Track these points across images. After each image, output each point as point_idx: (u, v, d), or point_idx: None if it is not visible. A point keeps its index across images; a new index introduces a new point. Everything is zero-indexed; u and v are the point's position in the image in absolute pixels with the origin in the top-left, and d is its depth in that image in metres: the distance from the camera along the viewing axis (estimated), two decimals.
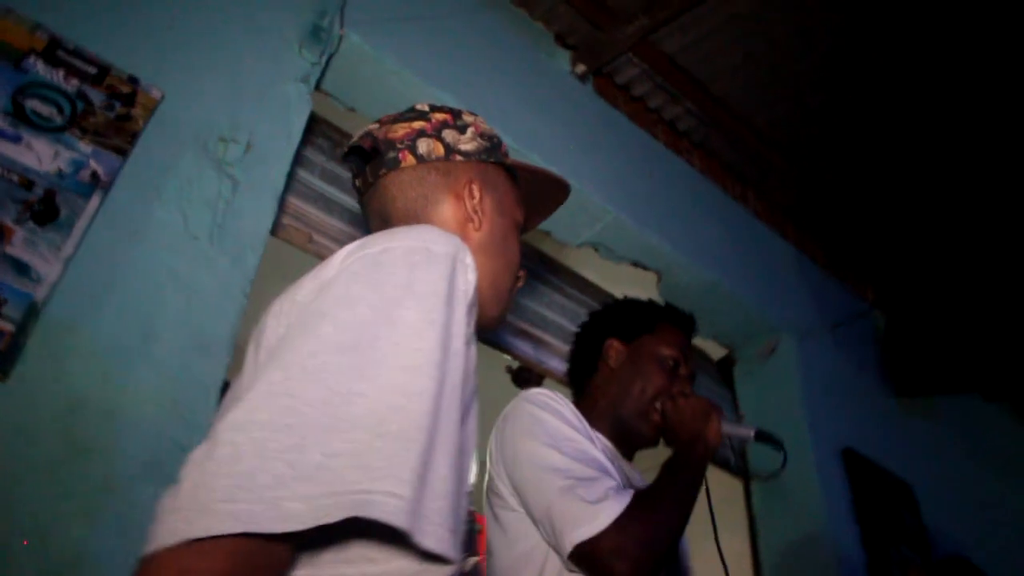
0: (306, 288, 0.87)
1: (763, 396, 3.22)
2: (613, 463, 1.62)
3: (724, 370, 3.41)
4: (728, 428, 1.76)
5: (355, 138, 1.24)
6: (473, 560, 0.96)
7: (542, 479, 1.47)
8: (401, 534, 0.66)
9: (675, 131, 3.35)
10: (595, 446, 1.60)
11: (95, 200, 1.59)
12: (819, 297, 3.60)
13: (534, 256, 2.92)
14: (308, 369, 0.71)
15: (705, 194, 3.34)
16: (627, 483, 1.61)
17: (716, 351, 3.43)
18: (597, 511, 1.39)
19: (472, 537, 0.98)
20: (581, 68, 3.00)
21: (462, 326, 0.83)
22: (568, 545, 1.38)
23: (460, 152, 1.20)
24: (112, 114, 1.69)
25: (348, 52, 2.29)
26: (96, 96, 1.68)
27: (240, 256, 1.78)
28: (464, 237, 1.13)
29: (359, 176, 1.23)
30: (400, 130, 1.20)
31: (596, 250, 2.90)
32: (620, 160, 2.96)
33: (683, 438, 1.66)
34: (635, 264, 2.96)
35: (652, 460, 1.72)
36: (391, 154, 1.18)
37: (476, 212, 1.17)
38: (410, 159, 1.18)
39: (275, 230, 2.13)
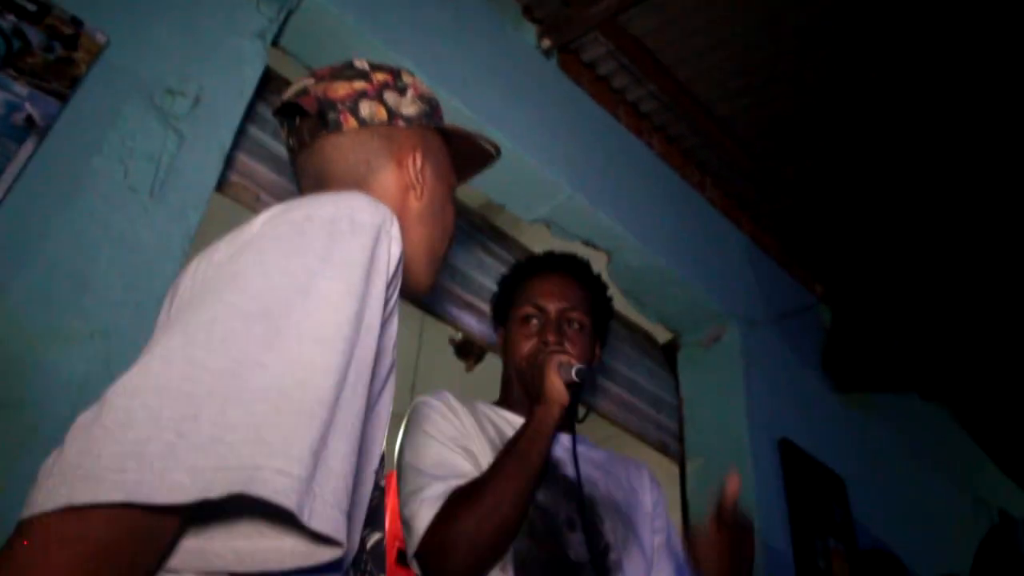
0: (223, 250, 0.82)
1: (705, 382, 3.25)
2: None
3: (669, 354, 3.43)
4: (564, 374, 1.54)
5: (290, 93, 1.19)
6: (377, 536, 0.95)
7: (400, 488, 1.48)
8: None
9: (637, 113, 3.33)
10: (473, 438, 1.55)
11: (29, 145, 1.53)
12: (768, 289, 3.63)
13: (485, 228, 2.90)
14: (213, 335, 0.68)
15: (662, 178, 3.34)
16: (556, 457, 1.59)
17: (662, 335, 3.45)
18: (413, 516, 1.39)
19: (379, 512, 0.96)
20: (547, 43, 2.97)
21: (379, 300, 0.80)
22: (409, 553, 1.40)
23: (403, 117, 1.17)
24: (52, 56, 1.62)
25: (309, 9, 2.23)
26: (35, 35, 1.61)
27: (181, 212, 1.73)
28: (404, 206, 1.12)
29: (293, 134, 1.18)
30: (341, 89, 1.14)
31: (548, 227, 2.88)
32: (580, 138, 2.94)
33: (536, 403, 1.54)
34: (586, 243, 2.95)
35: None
36: (332, 115, 1.13)
37: (418, 180, 1.14)
38: (352, 122, 1.13)
39: (222, 187, 2.08)
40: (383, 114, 1.15)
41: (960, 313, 3.70)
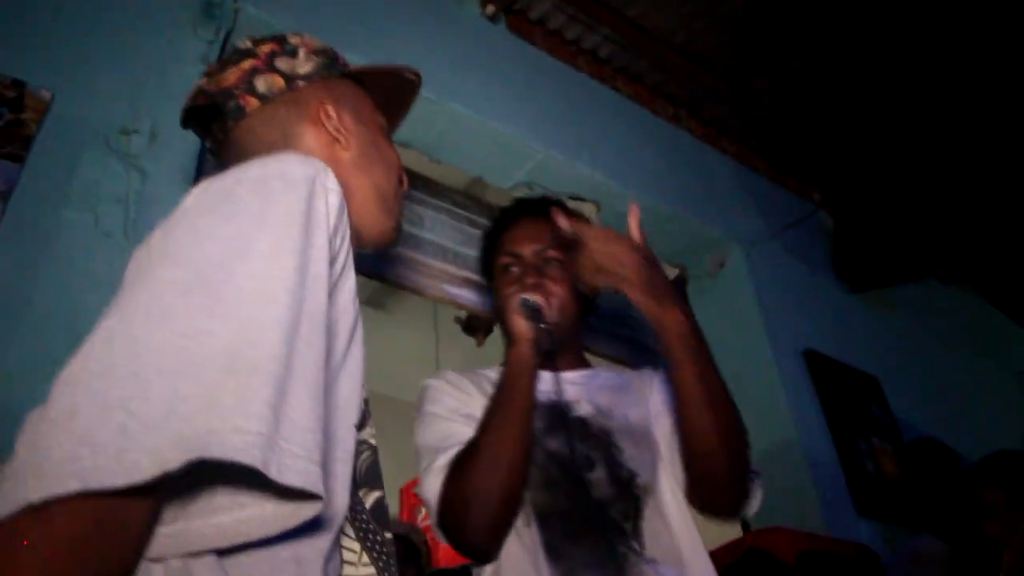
0: (156, 233, 0.78)
1: (718, 310, 3.24)
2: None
3: (677, 289, 3.42)
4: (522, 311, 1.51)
5: (187, 102, 1.16)
6: (376, 495, 0.93)
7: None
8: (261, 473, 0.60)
9: (596, 59, 3.32)
10: (476, 403, 1.52)
11: None
12: (763, 205, 3.61)
13: (470, 206, 2.90)
14: (151, 311, 0.65)
15: (635, 119, 3.33)
16: (557, 401, 1.54)
17: (667, 272, 3.42)
18: (425, 489, 1.40)
19: (375, 470, 0.94)
20: (491, 8, 2.96)
21: (323, 251, 0.78)
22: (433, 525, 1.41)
23: (301, 77, 1.13)
24: (1, 122, 1.64)
25: (245, 25, 2.24)
26: None
27: None
28: (335, 160, 1.08)
29: (209, 137, 1.16)
30: (231, 76, 1.11)
31: (530, 190, 2.88)
32: (543, 97, 2.94)
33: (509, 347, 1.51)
34: (572, 198, 2.95)
35: None
36: (231, 104, 1.10)
37: (339, 131, 1.11)
38: (253, 102, 1.10)
39: None
40: (280, 82, 1.12)
41: (965, 186, 3.64)
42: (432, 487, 1.38)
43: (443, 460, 1.40)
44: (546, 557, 1.35)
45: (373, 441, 0.96)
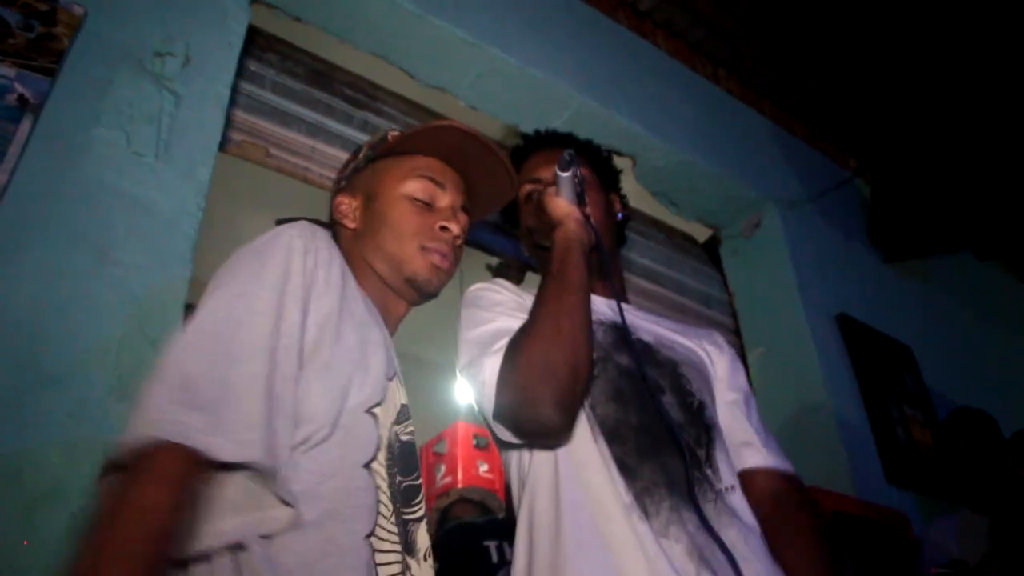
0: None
1: (752, 271, 3.18)
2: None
3: (711, 251, 3.36)
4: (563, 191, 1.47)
5: None
6: (407, 480, 1.14)
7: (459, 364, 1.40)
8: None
9: (637, 13, 3.24)
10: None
11: (26, 124, 1.51)
12: (800, 169, 3.53)
13: (506, 153, 2.84)
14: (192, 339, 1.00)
15: (674, 74, 3.25)
16: (606, 316, 1.48)
17: (701, 233, 3.38)
18: (480, 371, 1.30)
19: (411, 460, 1.19)
20: None
21: (296, 287, 1.07)
22: (488, 416, 1.31)
23: (344, 179, 1.45)
24: (32, 34, 1.60)
25: None
26: (11, 17, 1.59)
27: (190, 170, 1.71)
28: (347, 236, 1.36)
29: None
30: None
31: None
32: (582, 46, 2.87)
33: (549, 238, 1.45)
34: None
35: None
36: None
37: (345, 216, 1.36)
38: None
39: (229, 147, 2.05)
40: (336, 188, 1.47)
41: (1003, 162, 3.55)
42: (488, 369, 1.28)
43: (496, 346, 1.30)
44: (619, 473, 1.25)
45: (407, 437, 1.19)
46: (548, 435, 1.29)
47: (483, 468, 3.13)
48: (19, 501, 1.28)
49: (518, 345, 1.27)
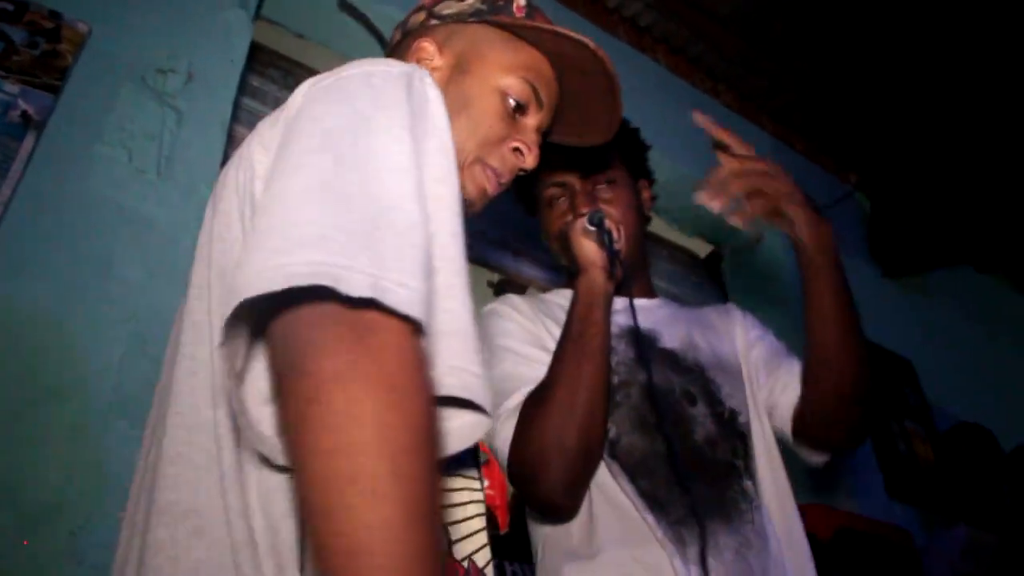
0: (266, 133, 0.84)
1: (753, 287, 3.18)
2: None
3: (712, 267, 3.37)
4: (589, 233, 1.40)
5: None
6: None
7: None
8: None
9: (637, 29, 3.25)
10: (545, 331, 1.43)
11: (29, 140, 1.52)
12: (801, 184, 3.50)
13: None
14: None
15: (674, 90, 3.26)
16: (626, 326, 1.45)
17: (702, 248, 3.38)
18: (496, 434, 1.28)
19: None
20: None
21: (428, 136, 0.78)
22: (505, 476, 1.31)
23: (436, 16, 1.16)
24: (36, 52, 1.61)
25: None
26: (17, 34, 1.60)
27: (191, 188, 1.71)
28: None
29: None
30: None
31: None
32: None
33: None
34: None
35: None
36: (395, 37, 1.22)
37: (422, 64, 1.09)
38: (397, 36, 1.20)
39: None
40: (420, 18, 1.18)
41: (1001, 175, 3.56)
42: (502, 435, 1.27)
43: (511, 404, 1.29)
44: (648, 507, 1.23)
45: None
46: (554, 513, 1.30)
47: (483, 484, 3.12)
48: (16, 519, 1.28)
49: (532, 417, 1.24)
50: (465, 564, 0.87)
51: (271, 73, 2.35)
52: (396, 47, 1.20)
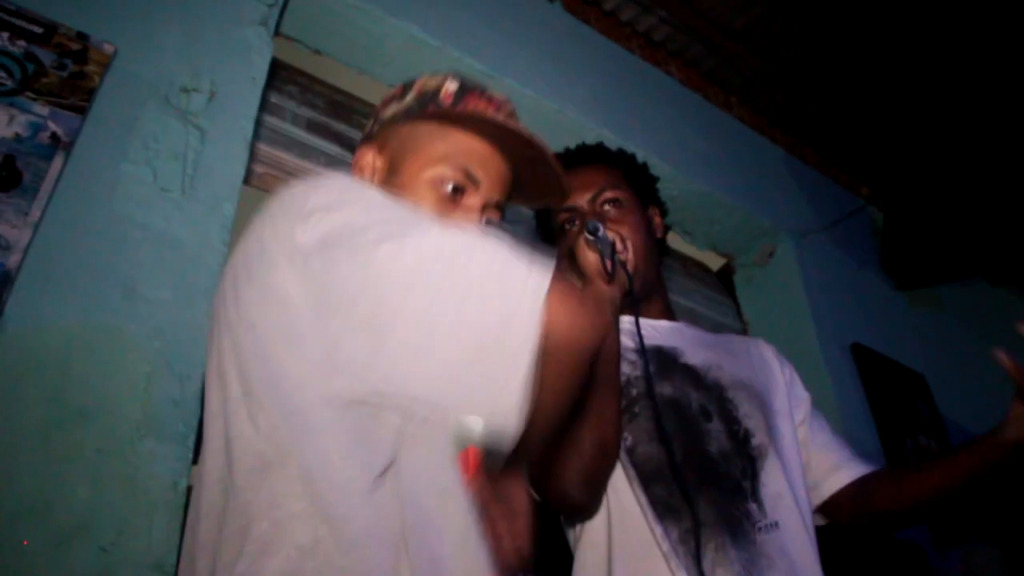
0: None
1: (765, 300, 3.19)
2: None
3: (724, 280, 3.38)
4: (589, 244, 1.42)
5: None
6: None
7: None
8: None
9: (651, 43, 3.27)
10: None
11: (58, 161, 1.55)
12: (813, 198, 3.55)
13: None
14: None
15: (687, 104, 3.28)
16: (670, 347, 1.49)
17: (714, 261, 3.40)
18: None
19: None
20: None
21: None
22: None
23: (379, 122, 1.27)
24: (65, 73, 1.63)
25: None
26: (46, 56, 1.63)
27: (215, 206, 1.74)
28: None
29: None
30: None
31: None
32: (597, 77, 2.90)
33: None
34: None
35: None
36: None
37: (362, 173, 1.23)
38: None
39: (252, 180, 2.08)
40: (368, 124, 1.31)
41: (1016, 187, 3.55)
42: None
43: None
44: (658, 517, 1.26)
45: None
46: (574, 511, 1.32)
47: None
48: (47, 536, 1.30)
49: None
50: None
51: (290, 89, 2.37)
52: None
